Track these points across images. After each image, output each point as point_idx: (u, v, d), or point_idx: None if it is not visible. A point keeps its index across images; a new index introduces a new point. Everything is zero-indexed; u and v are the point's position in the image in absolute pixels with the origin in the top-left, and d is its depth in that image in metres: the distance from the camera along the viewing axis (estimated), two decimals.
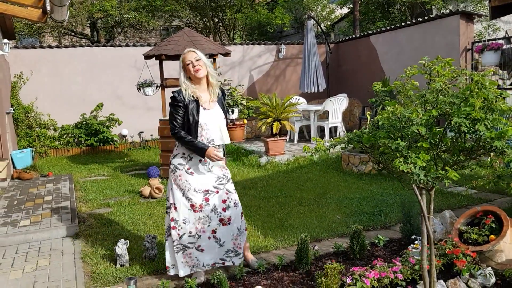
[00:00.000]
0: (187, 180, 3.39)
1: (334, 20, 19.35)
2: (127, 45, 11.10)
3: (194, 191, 3.38)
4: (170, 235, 3.43)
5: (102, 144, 10.53)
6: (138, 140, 11.09)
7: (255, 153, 8.76)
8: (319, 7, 18.54)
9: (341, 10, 18.99)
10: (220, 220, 3.42)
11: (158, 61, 7.59)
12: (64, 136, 10.39)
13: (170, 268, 3.46)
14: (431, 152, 2.24)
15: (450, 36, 8.73)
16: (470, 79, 2.20)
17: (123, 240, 3.82)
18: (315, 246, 3.82)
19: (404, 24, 10.05)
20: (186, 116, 3.36)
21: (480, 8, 13.80)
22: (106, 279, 3.53)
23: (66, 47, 10.52)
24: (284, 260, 3.63)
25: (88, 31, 20.89)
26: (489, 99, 2.10)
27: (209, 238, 3.40)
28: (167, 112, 4.00)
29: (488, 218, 3.52)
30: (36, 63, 10.11)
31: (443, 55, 7.85)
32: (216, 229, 3.41)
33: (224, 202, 3.45)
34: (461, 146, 2.20)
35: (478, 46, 8.14)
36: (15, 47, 10.04)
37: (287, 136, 10.21)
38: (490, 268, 3.22)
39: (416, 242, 3.65)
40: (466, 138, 2.19)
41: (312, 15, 17.08)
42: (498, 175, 2.40)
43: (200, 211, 3.37)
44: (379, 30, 10.97)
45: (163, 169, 7.15)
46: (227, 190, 3.48)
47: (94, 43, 13.02)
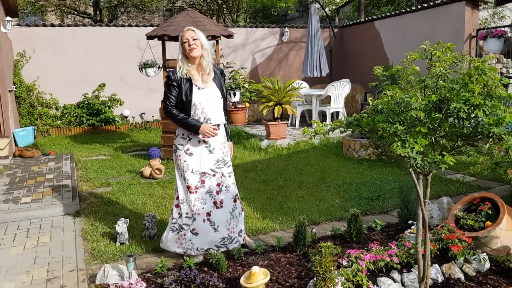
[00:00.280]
0: (185, 161, 3.42)
1: (339, 4, 19.17)
2: (130, 25, 11.04)
3: (191, 172, 3.40)
4: (172, 213, 3.50)
5: (103, 124, 10.55)
6: (140, 121, 11.11)
7: (256, 136, 8.78)
8: None
9: None
10: (214, 203, 3.45)
11: (160, 41, 7.56)
12: (66, 115, 10.42)
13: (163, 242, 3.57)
14: (429, 137, 2.25)
15: (455, 23, 8.66)
16: (472, 65, 2.20)
17: (123, 218, 3.87)
18: (312, 229, 3.86)
19: (409, 9, 9.96)
20: (180, 95, 3.38)
21: None
22: (106, 256, 3.59)
23: (69, 25, 10.46)
24: (282, 242, 3.68)
25: (91, 10, 20.76)
26: (488, 85, 2.10)
27: (203, 221, 3.43)
28: None
29: (485, 205, 3.54)
30: (39, 41, 10.08)
31: (448, 41, 7.77)
32: (210, 211, 3.44)
33: (218, 185, 3.48)
34: (459, 132, 2.21)
35: (481, 33, 8.08)
36: (18, 25, 10.00)
37: (289, 121, 10.20)
38: (485, 253, 3.26)
39: (412, 227, 3.69)
40: (465, 124, 2.19)
41: None
42: (495, 161, 2.41)
43: (195, 192, 3.40)
44: (384, 15, 10.87)
45: (164, 150, 7.18)
46: (222, 174, 3.50)
47: (97, 23, 12.94)
